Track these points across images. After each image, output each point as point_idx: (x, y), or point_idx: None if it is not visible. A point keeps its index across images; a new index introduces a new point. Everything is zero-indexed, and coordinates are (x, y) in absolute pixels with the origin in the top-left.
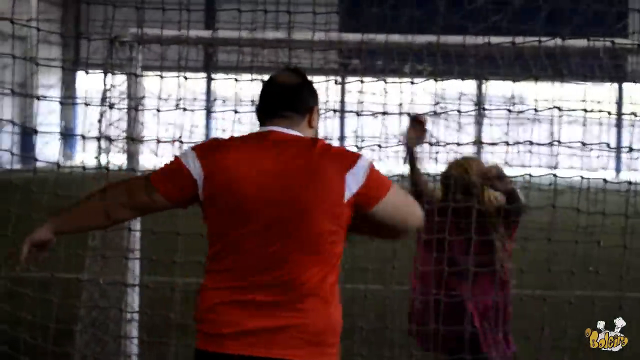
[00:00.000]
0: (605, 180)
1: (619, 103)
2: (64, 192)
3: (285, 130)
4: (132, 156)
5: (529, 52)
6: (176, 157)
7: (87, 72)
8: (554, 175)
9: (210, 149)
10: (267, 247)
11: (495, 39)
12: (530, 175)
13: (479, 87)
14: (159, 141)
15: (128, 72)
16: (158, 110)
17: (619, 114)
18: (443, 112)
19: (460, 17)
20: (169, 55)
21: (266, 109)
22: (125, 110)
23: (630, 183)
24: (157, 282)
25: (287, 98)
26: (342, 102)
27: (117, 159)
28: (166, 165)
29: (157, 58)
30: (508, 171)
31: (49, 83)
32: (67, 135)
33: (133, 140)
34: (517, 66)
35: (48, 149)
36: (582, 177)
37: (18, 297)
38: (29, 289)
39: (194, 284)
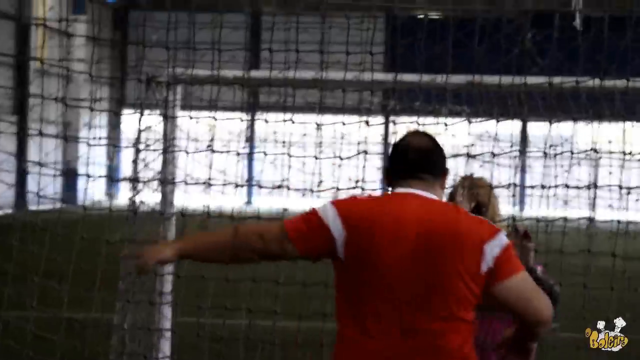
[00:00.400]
0: None
1: None
2: (93, 233)
3: (424, 194)
4: (165, 197)
5: (570, 92)
6: (314, 211)
7: (116, 114)
8: (589, 219)
9: (352, 208)
10: (408, 313)
11: (532, 79)
12: (565, 219)
13: (524, 129)
14: (186, 183)
15: (163, 112)
16: (187, 152)
17: None
18: (478, 155)
19: (497, 57)
20: (211, 96)
21: (403, 171)
22: (160, 151)
23: None
24: (186, 323)
25: (425, 161)
26: (385, 142)
27: (151, 199)
28: (303, 217)
29: (199, 98)
30: (548, 212)
31: (96, 123)
32: (95, 177)
33: (162, 182)
34: (558, 107)
35: (93, 189)
36: (619, 222)
37: (42, 340)
38: (54, 333)
39: (219, 325)
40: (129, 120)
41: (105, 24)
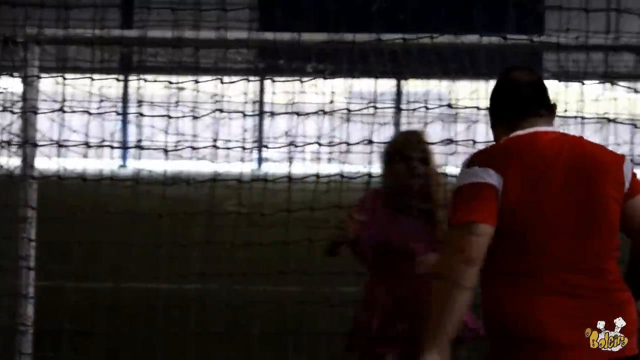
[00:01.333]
0: None
1: None
2: None
3: (550, 129)
4: (25, 160)
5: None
6: (474, 182)
7: None
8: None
9: (493, 158)
10: (581, 244)
11: (388, 36)
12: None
13: (398, 86)
14: (35, 145)
15: (20, 73)
16: (35, 113)
17: None
18: (334, 111)
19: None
20: (84, 57)
21: (521, 110)
22: (19, 113)
23: None
24: (48, 288)
25: (541, 96)
26: (261, 102)
27: (10, 162)
28: (467, 193)
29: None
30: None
31: None
32: None
33: (9, 144)
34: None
35: None
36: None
37: None
38: None
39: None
40: None
41: None
